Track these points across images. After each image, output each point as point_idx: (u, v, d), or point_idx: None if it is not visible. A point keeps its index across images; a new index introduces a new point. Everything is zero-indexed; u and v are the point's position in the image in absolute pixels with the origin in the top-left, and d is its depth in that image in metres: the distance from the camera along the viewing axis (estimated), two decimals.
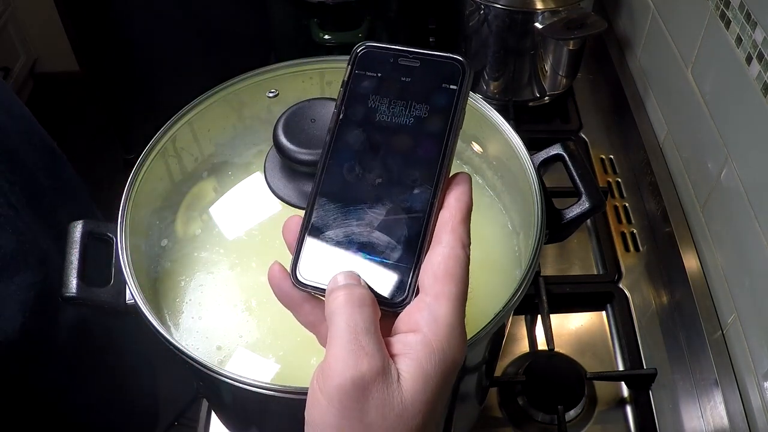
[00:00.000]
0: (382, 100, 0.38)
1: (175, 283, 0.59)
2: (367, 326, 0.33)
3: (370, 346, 0.32)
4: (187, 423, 1.24)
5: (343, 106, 0.38)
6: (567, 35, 0.95)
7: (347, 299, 0.34)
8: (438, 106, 0.37)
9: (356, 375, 0.32)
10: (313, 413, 0.33)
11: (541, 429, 0.74)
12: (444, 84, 0.38)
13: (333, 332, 0.33)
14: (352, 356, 0.32)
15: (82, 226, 0.55)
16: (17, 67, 2.02)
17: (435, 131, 0.37)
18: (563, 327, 0.84)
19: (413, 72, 0.38)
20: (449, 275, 0.34)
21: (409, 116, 0.37)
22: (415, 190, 0.36)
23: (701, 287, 0.80)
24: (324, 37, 0.94)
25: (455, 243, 0.35)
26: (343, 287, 0.35)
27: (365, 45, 0.39)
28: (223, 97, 0.63)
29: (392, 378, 0.32)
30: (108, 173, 1.26)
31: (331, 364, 0.32)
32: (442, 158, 0.37)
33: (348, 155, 0.38)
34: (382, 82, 0.38)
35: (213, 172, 0.65)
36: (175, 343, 0.48)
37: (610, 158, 1.02)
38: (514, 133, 0.59)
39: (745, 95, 0.72)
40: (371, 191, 0.37)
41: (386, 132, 0.37)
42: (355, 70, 0.39)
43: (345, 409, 0.32)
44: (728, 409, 0.71)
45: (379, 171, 0.37)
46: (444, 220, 0.36)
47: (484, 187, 0.66)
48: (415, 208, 0.36)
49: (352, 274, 0.36)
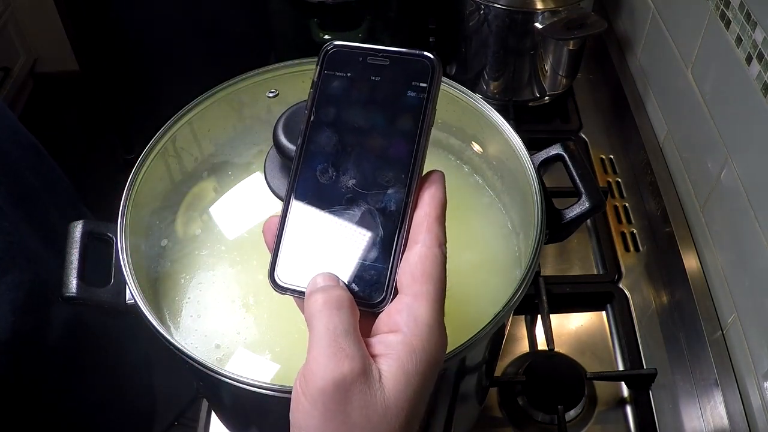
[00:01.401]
0: (353, 100, 0.38)
1: (175, 283, 0.59)
2: (346, 328, 0.33)
3: (350, 348, 0.33)
4: (187, 423, 1.24)
5: (314, 107, 0.38)
6: (567, 35, 0.95)
7: (325, 302, 0.34)
8: (408, 104, 0.37)
9: (338, 377, 0.32)
10: (297, 416, 0.33)
11: (541, 429, 0.74)
12: (414, 82, 0.37)
13: (313, 335, 0.34)
14: (332, 359, 0.32)
15: (82, 226, 0.55)
16: (17, 67, 2.02)
17: (406, 130, 0.37)
18: (563, 327, 0.84)
19: (383, 71, 0.38)
20: (427, 275, 0.35)
21: (379, 116, 0.37)
22: (389, 190, 0.36)
23: (701, 287, 0.80)
24: (324, 37, 0.94)
25: (431, 242, 0.35)
26: (321, 290, 0.35)
27: (334, 44, 0.39)
28: (223, 97, 0.63)
29: (374, 378, 0.33)
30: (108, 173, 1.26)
31: (312, 367, 0.33)
32: (414, 157, 0.36)
33: (320, 157, 0.37)
34: (352, 82, 0.38)
35: (213, 172, 0.65)
36: (175, 343, 0.48)
37: (610, 158, 1.02)
38: (514, 133, 0.59)
39: (745, 95, 0.72)
40: (345, 192, 0.37)
41: (357, 132, 0.37)
42: (325, 71, 0.39)
43: (328, 411, 0.32)
44: (728, 409, 0.71)
45: (353, 172, 0.37)
46: (419, 219, 0.36)
47: (484, 187, 0.66)
48: (390, 208, 0.36)
49: (330, 276, 0.36)
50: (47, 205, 0.85)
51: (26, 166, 0.84)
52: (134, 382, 1.07)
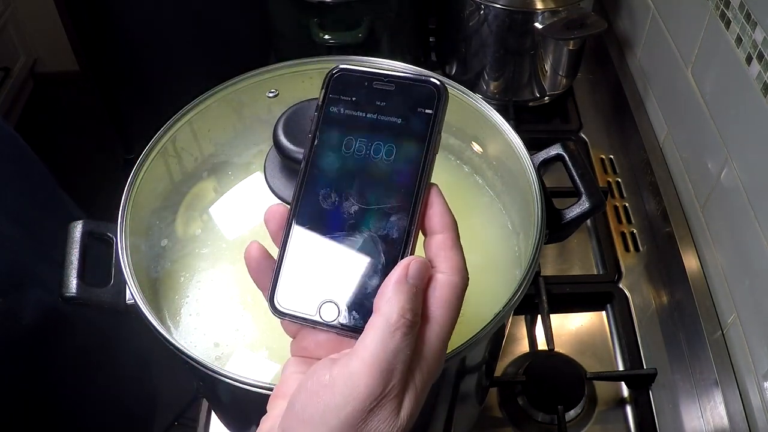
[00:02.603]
0: (357, 125, 0.37)
1: (175, 283, 0.59)
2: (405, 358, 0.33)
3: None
4: (187, 423, 1.24)
5: (318, 131, 0.38)
6: (567, 35, 0.95)
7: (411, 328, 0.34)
8: (413, 130, 0.37)
9: (373, 399, 0.32)
10: (311, 411, 0.33)
11: (541, 429, 0.74)
12: (419, 108, 0.37)
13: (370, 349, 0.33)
14: (381, 381, 0.32)
15: (82, 226, 0.55)
16: (17, 67, 2.02)
17: (411, 156, 0.36)
18: (563, 327, 0.84)
19: (388, 96, 0.37)
20: (443, 300, 0.35)
21: (384, 141, 0.37)
22: (392, 217, 0.36)
23: (701, 287, 0.80)
24: (324, 37, 0.94)
25: (450, 270, 0.35)
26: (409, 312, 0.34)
27: (339, 68, 0.38)
28: (223, 97, 0.63)
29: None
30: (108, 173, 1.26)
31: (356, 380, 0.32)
32: (418, 184, 0.36)
33: (323, 181, 0.37)
34: (357, 107, 0.38)
35: (213, 172, 0.65)
36: (175, 343, 0.48)
37: (610, 158, 1.02)
38: (514, 133, 0.59)
39: (745, 95, 0.72)
40: (348, 218, 0.36)
41: (361, 158, 0.37)
42: (330, 94, 0.38)
43: (346, 427, 0.32)
44: (728, 409, 0.71)
45: (356, 197, 0.36)
46: (435, 249, 0.36)
47: (484, 187, 0.66)
48: (392, 235, 0.36)
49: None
50: (24, 194, 0.84)
51: (5, 154, 0.84)
52: (134, 382, 1.07)
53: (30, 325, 0.79)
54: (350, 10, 0.94)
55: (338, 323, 0.35)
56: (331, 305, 0.36)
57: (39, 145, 1.23)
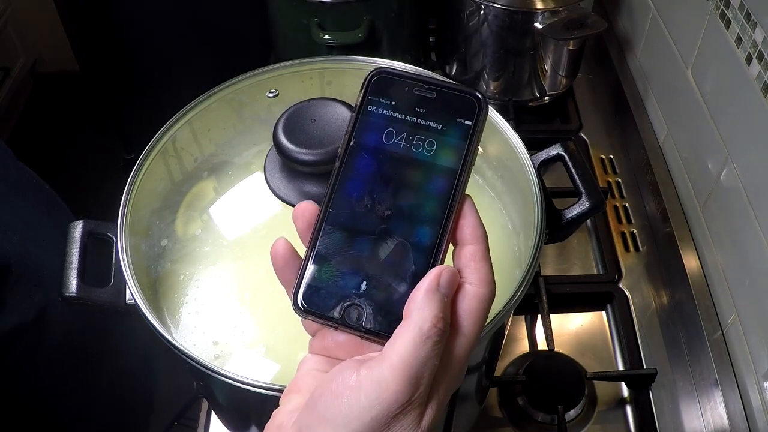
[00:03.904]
0: (395, 130, 0.37)
1: (175, 283, 0.59)
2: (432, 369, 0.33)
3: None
4: (187, 423, 1.24)
5: (354, 131, 0.37)
6: (567, 35, 0.96)
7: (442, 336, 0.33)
8: (452, 141, 0.36)
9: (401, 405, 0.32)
10: (340, 410, 0.32)
11: (541, 429, 0.74)
12: (459, 119, 0.37)
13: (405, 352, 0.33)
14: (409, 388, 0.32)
15: (82, 226, 0.55)
16: (17, 67, 2.02)
17: (447, 167, 0.36)
18: (563, 327, 0.84)
19: (429, 103, 0.37)
20: (469, 311, 0.35)
21: (421, 149, 0.36)
22: (425, 225, 0.36)
23: (701, 287, 0.80)
24: (324, 37, 0.94)
25: (479, 282, 0.35)
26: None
27: (380, 69, 0.38)
28: (223, 97, 0.63)
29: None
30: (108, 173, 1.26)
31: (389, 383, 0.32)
32: (453, 194, 0.36)
33: (356, 183, 0.37)
34: (396, 110, 0.37)
35: (213, 172, 0.65)
36: (175, 343, 0.48)
37: (610, 158, 1.02)
38: (514, 133, 0.59)
39: (745, 95, 0.72)
40: (379, 222, 0.36)
41: (397, 163, 0.37)
42: (369, 96, 0.38)
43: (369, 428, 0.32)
44: (728, 409, 0.71)
45: (389, 203, 0.36)
46: (466, 260, 0.36)
47: (484, 187, 0.66)
48: (424, 243, 0.35)
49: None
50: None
51: None
52: (134, 381, 1.07)
53: (27, 323, 0.79)
54: (350, 10, 0.94)
55: (362, 326, 0.35)
56: (356, 308, 0.35)
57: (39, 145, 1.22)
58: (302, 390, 0.35)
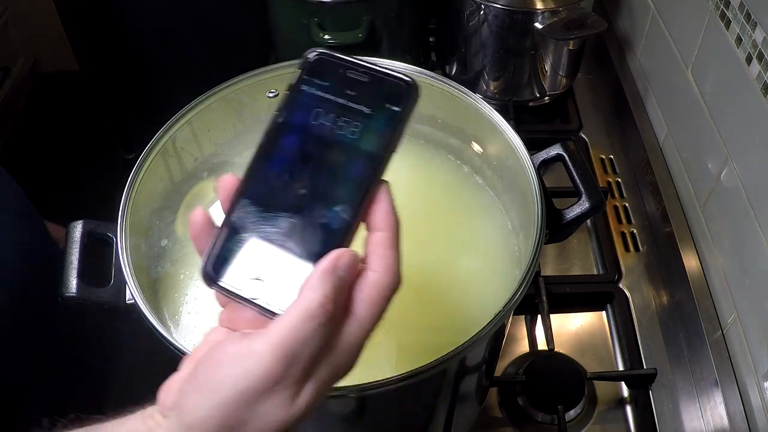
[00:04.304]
0: (323, 111, 0.37)
1: (175, 283, 0.59)
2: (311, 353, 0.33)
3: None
4: None
5: (284, 108, 0.37)
6: (567, 35, 0.96)
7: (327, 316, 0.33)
8: (377, 125, 0.36)
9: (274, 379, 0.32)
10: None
11: (541, 429, 0.74)
12: (388, 104, 0.36)
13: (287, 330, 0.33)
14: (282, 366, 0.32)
15: (82, 226, 0.55)
16: (17, 67, 2.02)
17: (368, 150, 0.36)
18: (563, 327, 0.84)
19: (360, 86, 0.37)
20: (369, 300, 0.34)
21: (345, 131, 0.36)
22: (337, 207, 0.35)
23: (701, 287, 0.80)
24: (324, 37, 0.94)
25: (383, 270, 0.35)
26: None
27: (318, 51, 0.38)
28: (223, 97, 0.63)
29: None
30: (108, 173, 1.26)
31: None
32: (370, 178, 0.36)
33: (278, 160, 0.37)
34: (327, 92, 0.37)
35: (213, 172, 0.65)
36: (175, 343, 0.48)
37: (610, 158, 1.02)
38: (514, 133, 0.59)
39: (745, 95, 0.72)
40: (294, 201, 0.36)
41: (319, 143, 0.36)
42: (304, 75, 0.38)
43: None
44: (728, 409, 0.71)
45: (305, 182, 0.36)
46: (374, 245, 0.35)
47: (484, 187, 0.66)
48: (333, 225, 0.35)
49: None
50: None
51: None
52: (133, 381, 1.07)
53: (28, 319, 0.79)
54: (350, 10, 0.94)
55: (261, 303, 0.35)
56: (259, 284, 0.35)
57: (39, 146, 1.22)
58: (197, 358, 0.35)
